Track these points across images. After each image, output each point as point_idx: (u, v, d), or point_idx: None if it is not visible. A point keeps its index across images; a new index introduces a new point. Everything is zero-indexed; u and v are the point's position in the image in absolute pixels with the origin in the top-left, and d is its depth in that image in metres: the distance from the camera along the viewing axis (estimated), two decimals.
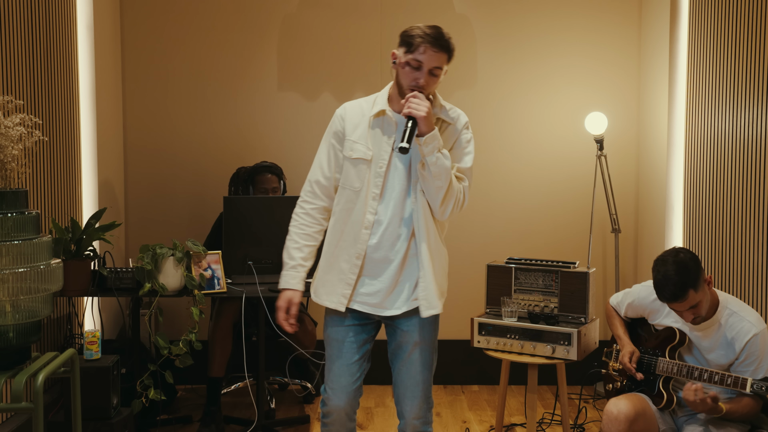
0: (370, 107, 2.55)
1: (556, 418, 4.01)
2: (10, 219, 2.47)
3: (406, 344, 2.58)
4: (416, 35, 2.42)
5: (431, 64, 2.43)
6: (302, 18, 4.64)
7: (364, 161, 2.51)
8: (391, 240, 2.50)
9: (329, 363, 2.59)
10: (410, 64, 2.43)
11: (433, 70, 2.44)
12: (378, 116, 2.53)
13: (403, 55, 2.44)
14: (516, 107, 4.69)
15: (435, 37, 2.42)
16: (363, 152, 2.51)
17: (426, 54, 2.41)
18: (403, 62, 2.44)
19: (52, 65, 3.60)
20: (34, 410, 2.43)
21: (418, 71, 2.43)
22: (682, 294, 2.69)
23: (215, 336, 3.84)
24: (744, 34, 3.34)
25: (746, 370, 2.72)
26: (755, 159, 3.23)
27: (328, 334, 2.59)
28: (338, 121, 2.58)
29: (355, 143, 2.52)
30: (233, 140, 4.65)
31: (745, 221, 3.32)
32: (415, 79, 2.43)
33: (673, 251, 2.78)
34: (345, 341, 2.56)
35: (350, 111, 2.58)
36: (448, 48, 2.46)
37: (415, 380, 2.58)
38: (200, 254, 3.45)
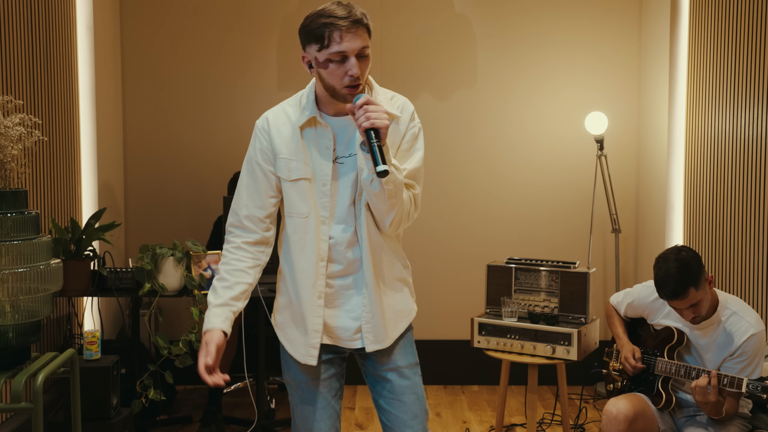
0: (296, 114, 2.13)
1: (557, 419, 4.01)
2: (9, 219, 2.46)
3: (389, 371, 2.19)
4: (322, 24, 1.98)
5: (356, 48, 1.98)
6: (302, 18, 4.62)
7: (305, 180, 2.10)
8: (352, 263, 2.13)
9: (299, 409, 2.20)
10: (332, 60, 1.98)
11: (360, 52, 1.99)
12: (309, 125, 2.11)
13: (318, 53, 2.00)
14: (516, 107, 4.69)
15: (343, 16, 1.97)
16: (303, 170, 2.10)
17: (345, 40, 1.96)
18: (323, 61, 2.00)
19: (52, 65, 3.60)
20: (34, 410, 2.43)
21: (346, 62, 1.98)
22: (683, 291, 2.69)
23: None
24: (744, 34, 3.34)
25: (735, 368, 2.72)
26: (755, 159, 3.23)
27: (292, 378, 2.20)
28: (263, 137, 2.15)
29: (289, 161, 2.11)
30: (233, 140, 4.65)
31: (745, 221, 3.32)
32: (347, 73, 1.98)
33: (675, 249, 2.78)
34: (313, 381, 2.18)
35: (275, 122, 2.15)
36: (363, 21, 2.00)
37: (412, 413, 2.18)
38: (200, 254, 3.45)
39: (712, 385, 2.63)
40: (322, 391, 2.18)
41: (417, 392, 2.19)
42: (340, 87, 2.01)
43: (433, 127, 4.65)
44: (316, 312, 2.14)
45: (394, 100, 2.15)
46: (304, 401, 2.18)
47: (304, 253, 2.13)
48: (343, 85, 2.00)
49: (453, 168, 4.69)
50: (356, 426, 3.98)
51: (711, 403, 2.64)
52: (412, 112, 2.16)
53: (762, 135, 3.18)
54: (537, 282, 3.45)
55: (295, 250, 2.15)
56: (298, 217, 2.12)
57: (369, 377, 2.23)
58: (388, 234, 2.13)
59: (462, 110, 4.67)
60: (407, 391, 2.18)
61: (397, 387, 2.17)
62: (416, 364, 2.24)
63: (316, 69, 2.04)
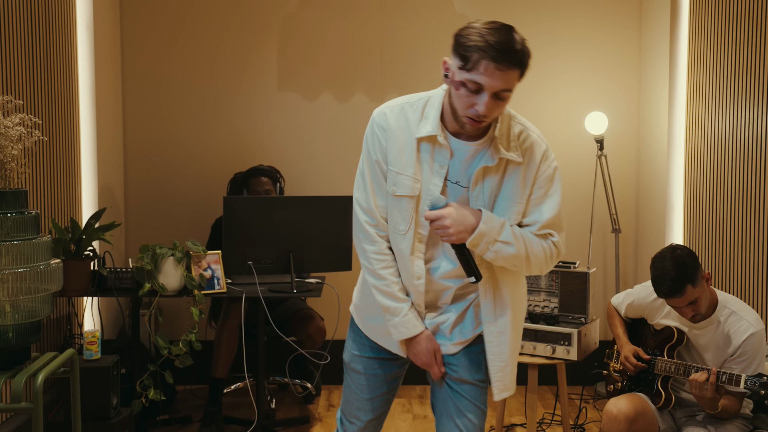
0: (417, 121, 1.97)
1: (557, 419, 4.01)
2: (9, 219, 2.46)
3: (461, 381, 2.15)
4: (473, 46, 1.79)
5: (496, 87, 1.81)
6: (302, 18, 4.64)
7: (409, 198, 1.98)
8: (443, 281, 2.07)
9: (347, 390, 2.22)
10: (467, 86, 1.82)
11: (499, 94, 1.83)
12: (428, 141, 1.97)
13: (458, 72, 1.83)
14: (516, 107, 4.64)
15: (501, 49, 1.77)
16: (410, 188, 1.97)
17: (488, 74, 1.78)
18: (458, 81, 1.83)
19: (51, 65, 3.60)
20: (34, 410, 2.42)
21: (479, 95, 1.82)
22: (680, 289, 2.69)
23: (222, 337, 3.83)
24: (744, 34, 3.34)
25: (736, 368, 2.73)
26: (756, 159, 3.23)
27: (347, 360, 2.23)
28: (382, 136, 2.00)
29: (398, 175, 1.97)
30: (233, 140, 4.65)
31: (745, 221, 3.32)
32: (473, 106, 1.83)
33: (670, 248, 2.79)
34: (364, 375, 2.19)
35: (394, 123, 1.99)
36: (520, 62, 1.81)
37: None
38: (200, 254, 3.45)
39: (710, 382, 2.64)
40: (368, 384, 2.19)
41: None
42: (462, 114, 1.88)
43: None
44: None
45: (521, 137, 1.99)
46: (350, 386, 2.20)
47: (402, 263, 2.06)
48: (465, 114, 1.87)
49: None
50: None
51: (706, 398, 2.66)
52: (544, 152, 2.00)
53: (762, 135, 3.18)
54: (537, 282, 3.45)
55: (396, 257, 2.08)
56: (395, 231, 2.04)
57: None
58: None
59: None
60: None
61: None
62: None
63: (450, 82, 1.89)
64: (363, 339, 2.20)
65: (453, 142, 1.96)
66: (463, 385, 2.11)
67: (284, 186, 4.28)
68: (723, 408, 2.71)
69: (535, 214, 2.04)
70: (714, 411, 2.71)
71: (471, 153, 1.95)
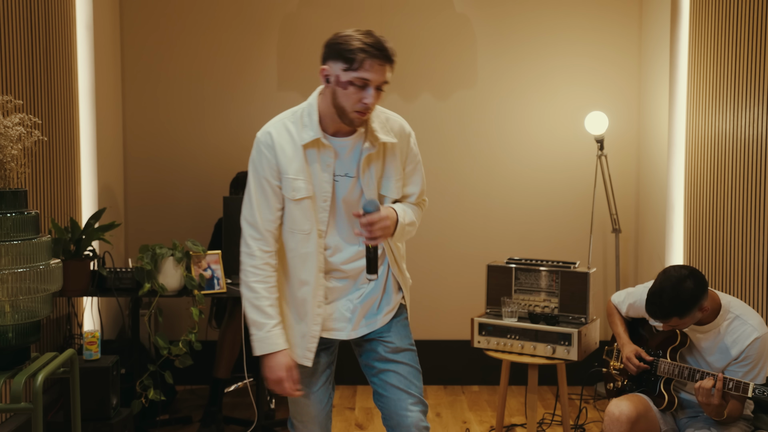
0: (298, 132, 2.21)
1: (557, 419, 4.01)
2: (9, 219, 2.46)
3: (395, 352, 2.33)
4: (356, 48, 2.07)
5: (379, 81, 2.10)
6: (302, 18, 4.64)
7: (308, 199, 2.21)
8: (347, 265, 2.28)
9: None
10: (354, 84, 2.09)
11: (380, 86, 2.12)
12: (312, 146, 2.20)
13: (343, 74, 2.09)
14: (516, 107, 4.69)
15: (379, 48, 2.08)
16: (306, 190, 2.20)
17: (373, 70, 2.08)
18: (345, 81, 2.09)
19: (51, 65, 3.60)
20: (34, 410, 2.42)
21: (364, 90, 2.10)
22: (664, 318, 2.72)
23: (225, 337, 3.83)
24: (744, 35, 3.34)
25: (740, 371, 2.72)
26: (756, 159, 3.23)
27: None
28: (269, 153, 2.21)
29: (294, 180, 2.19)
30: (233, 140, 4.64)
31: (746, 221, 3.31)
32: (362, 100, 2.10)
33: (682, 275, 2.70)
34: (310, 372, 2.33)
35: (279, 140, 2.21)
36: (392, 58, 2.12)
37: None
38: (200, 254, 3.45)
39: (717, 389, 2.62)
40: (315, 380, 2.35)
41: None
42: (351, 110, 2.13)
43: (432, 128, 4.64)
44: (315, 320, 2.27)
45: (389, 123, 2.27)
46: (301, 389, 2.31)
47: (305, 265, 2.26)
48: (354, 109, 2.12)
49: (453, 168, 4.69)
50: (356, 426, 3.98)
51: (713, 405, 2.64)
52: (409, 132, 2.32)
53: (762, 135, 3.18)
54: (537, 282, 3.45)
55: (296, 263, 2.28)
56: (300, 233, 2.24)
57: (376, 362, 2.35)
58: None
59: (462, 110, 4.67)
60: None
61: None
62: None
63: (334, 86, 2.13)
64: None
65: (333, 141, 2.22)
66: (401, 353, 2.31)
67: None
68: (728, 414, 2.70)
69: (412, 186, 2.35)
70: (720, 418, 2.70)
71: (350, 147, 2.23)
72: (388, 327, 2.33)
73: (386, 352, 2.31)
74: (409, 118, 4.74)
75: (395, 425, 2.28)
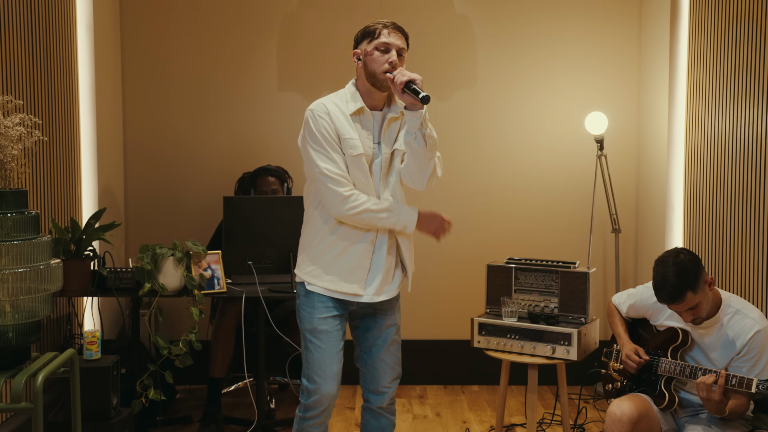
0: (345, 106, 2.63)
1: (556, 419, 4.01)
2: (10, 219, 2.46)
3: (390, 328, 2.75)
4: (376, 24, 2.63)
5: (398, 45, 2.60)
6: (302, 18, 4.64)
7: (362, 156, 2.61)
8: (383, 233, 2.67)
9: (318, 353, 2.64)
10: (378, 49, 2.58)
11: (400, 51, 2.60)
12: (356, 114, 2.62)
13: (368, 45, 2.61)
14: (516, 107, 4.69)
15: (393, 23, 2.64)
16: (360, 148, 2.61)
17: (391, 36, 2.60)
18: (371, 50, 2.59)
19: (52, 65, 3.60)
20: (34, 410, 2.43)
21: (388, 53, 2.58)
22: (680, 296, 2.69)
23: (218, 336, 3.83)
24: (744, 34, 3.34)
25: (744, 366, 2.72)
26: (756, 159, 3.23)
27: (315, 326, 2.65)
28: (327, 120, 2.60)
29: (350, 140, 2.60)
30: (233, 140, 4.65)
31: (746, 221, 3.32)
32: (388, 60, 2.56)
33: (673, 252, 2.79)
34: (333, 331, 2.66)
35: (332, 110, 2.62)
36: (405, 32, 2.66)
37: (395, 359, 2.80)
38: (200, 254, 3.45)
39: (719, 384, 2.63)
40: (337, 339, 2.67)
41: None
42: (380, 71, 2.57)
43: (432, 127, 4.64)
44: (364, 263, 2.66)
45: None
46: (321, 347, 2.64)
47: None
48: (383, 69, 2.56)
49: (453, 168, 4.69)
50: (356, 425, 3.98)
51: (714, 401, 2.64)
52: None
53: (762, 135, 3.18)
54: (537, 282, 3.45)
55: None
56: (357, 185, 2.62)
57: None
58: (422, 189, 2.67)
59: (462, 110, 4.67)
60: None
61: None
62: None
63: (363, 59, 2.62)
64: (325, 303, 2.65)
65: (375, 112, 2.66)
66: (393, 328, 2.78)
67: (292, 186, 4.27)
68: (731, 410, 2.71)
69: None
70: (721, 415, 2.70)
71: (380, 115, 2.68)
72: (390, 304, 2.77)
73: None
74: None
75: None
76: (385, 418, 2.83)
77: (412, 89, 2.48)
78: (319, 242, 2.67)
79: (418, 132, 2.52)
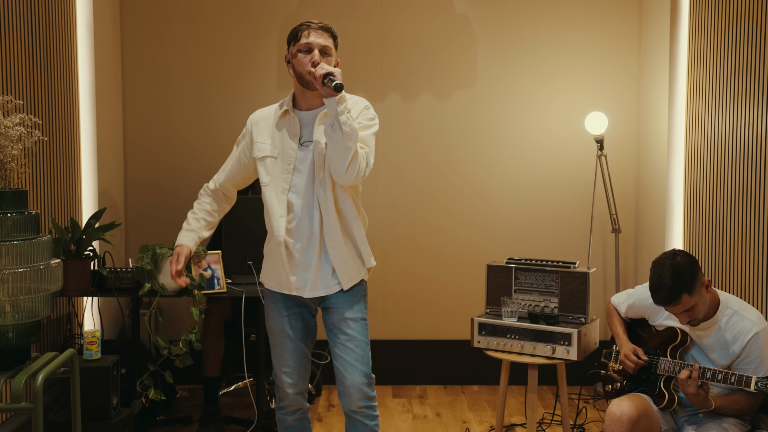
0: (277, 110, 2.72)
1: (556, 419, 4.01)
2: (10, 219, 2.46)
3: (340, 322, 2.68)
4: (300, 26, 2.67)
5: (320, 44, 2.61)
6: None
7: (270, 158, 2.68)
8: (305, 228, 2.64)
9: (275, 348, 2.75)
10: (301, 50, 2.62)
11: (324, 49, 2.62)
12: (283, 116, 2.70)
13: (293, 47, 2.65)
14: (516, 107, 4.69)
15: (317, 22, 2.67)
16: (267, 151, 2.69)
17: (311, 36, 2.62)
18: (295, 52, 2.63)
19: (51, 65, 3.60)
20: (34, 410, 2.43)
21: (310, 53, 2.60)
22: (676, 298, 2.70)
23: (207, 336, 3.84)
24: (744, 34, 3.34)
25: (747, 368, 2.72)
26: (755, 159, 3.23)
27: (270, 324, 2.75)
28: (248, 126, 2.80)
29: (259, 144, 2.72)
30: (233, 140, 4.62)
31: (745, 221, 3.32)
32: (311, 60, 2.58)
33: (670, 254, 2.79)
34: (286, 329, 2.72)
35: (260, 116, 2.77)
36: (329, 28, 2.66)
37: (354, 356, 2.67)
38: (200, 254, 3.45)
39: (693, 378, 2.67)
40: (292, 335, 2.72)
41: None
42: (305, 72, 2.59)
43: (432, 127, 4.65)
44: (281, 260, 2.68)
45: (349, 100, 2.65)
46: (277, 343, 2.73)
47: (270, 213, 2.67)
48: (306, 70, 2.59)
49: (453, 168, 4.69)
50: None
51: (690, 394, 2.69)
52: (366, 104, 2.72)
53: (762, 135, 3.18)
54: (537, 282, 3.45)
55: (266, 214, 2.71)
56: (263, 186, 2.69)
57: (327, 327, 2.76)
58: (344, 183, 2.58)
59: (462, 110, 4.67)
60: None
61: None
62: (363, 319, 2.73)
63: (292, 62, 2.65)
64: (277, 302, 2.72)
65: (302, 114, 2.68)
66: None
67: None
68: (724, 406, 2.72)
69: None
70: (708, 408, 2.72)
71: (312, 115, 2.67)
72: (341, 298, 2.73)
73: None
74: (410, 118, 4.75)
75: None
76: (362, 424, 2.68)
77: (329, 79, 2.48)
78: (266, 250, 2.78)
79: (334, 119, 2.49)
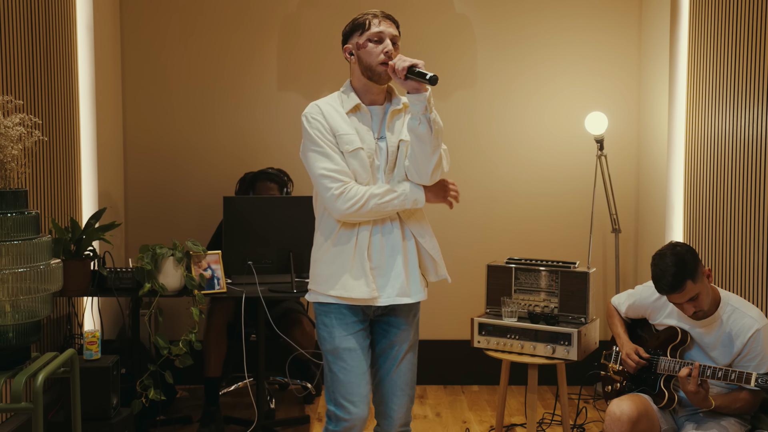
0: (340, 105, 2.49)
1: (556, 419, 4.01)
2: (10, 219, 2.46)
3: (400, 342, 2.54)
4: (364, 15, 2.49)
5: (391, 33, 2.47)
6: (302, 18, 4.64)
7: (360, 150, 2.45)
8: (389, 227, 2.48)
9: (343, 374, 2.44)
10: (371, 40, 2.44)
11: (394, 39, 2.47)
12: (353, 111, 2.48)
13: (360, 38, 2.46)
14: (516, 107, 4.69)
15: (382, 12, 2.51)
16: (358, 143, 2.44)
17: (382, 25, 2.46)
18: (364, 42, 2.45)
19: (51, 65, 3.60)
20: (34, 410, 2.42)
21: (382, 43, 2.44)
22: (680, 285, 2.70)
23: (210, 336, 3.84)
24: (744, 34, 3.34)
25: (748, 365, 2.73)
26: (756, 159, 3.23)
27: (337, 345, 2.44)
28: (321, 119, 2.45)
29: (345, 135, 2.44)
30: (233, 140, 4.65)
31: (746, 221, 3.32)
32: (383, 51, 2.43)
33: (670, 245, 2.81)
34: (358, 349, 2.45)
35: (326, 110, 2.47)
36: (394, 18, 2.53)
37: (406, 378, 2.56)
38: (200, 254, 3.45)
39: (693, 376, 2.67)
40: (363, 357, 2.47)
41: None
42: (375, 64, 2.43)
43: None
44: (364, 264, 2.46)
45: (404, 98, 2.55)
46: (350, 367, 2.44)
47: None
48: (378, 61, 2.42)
49: (453, 168, 4.64)
50: None
51: (690, 393, 2.69)
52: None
53: (762, 135, 3.18)
54: (537, 282, 3.45)
55: None
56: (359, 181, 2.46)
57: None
58: (428, 183, 2.48)
59: (462, 110, 4.67)
60: None
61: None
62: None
63: (356, 54, 2.48)
64: (345, 317, 2.46)
65: (372, 108, 2.52)
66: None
67: (292, 190, 4.28)
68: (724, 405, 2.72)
69: None
70: (708, 407, 2.72)
71: (381, 110, 2.54)
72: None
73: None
74: None
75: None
76: None
77: (417, 72, 2.33)
78: (323, 255, 2.49)
79: (422, 117, 2.35)
